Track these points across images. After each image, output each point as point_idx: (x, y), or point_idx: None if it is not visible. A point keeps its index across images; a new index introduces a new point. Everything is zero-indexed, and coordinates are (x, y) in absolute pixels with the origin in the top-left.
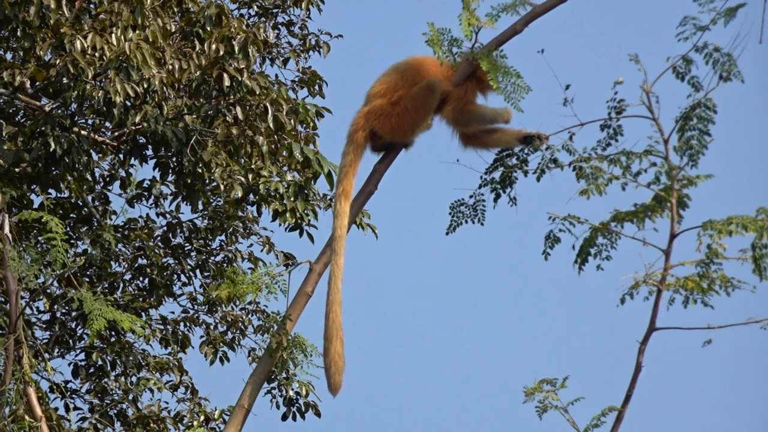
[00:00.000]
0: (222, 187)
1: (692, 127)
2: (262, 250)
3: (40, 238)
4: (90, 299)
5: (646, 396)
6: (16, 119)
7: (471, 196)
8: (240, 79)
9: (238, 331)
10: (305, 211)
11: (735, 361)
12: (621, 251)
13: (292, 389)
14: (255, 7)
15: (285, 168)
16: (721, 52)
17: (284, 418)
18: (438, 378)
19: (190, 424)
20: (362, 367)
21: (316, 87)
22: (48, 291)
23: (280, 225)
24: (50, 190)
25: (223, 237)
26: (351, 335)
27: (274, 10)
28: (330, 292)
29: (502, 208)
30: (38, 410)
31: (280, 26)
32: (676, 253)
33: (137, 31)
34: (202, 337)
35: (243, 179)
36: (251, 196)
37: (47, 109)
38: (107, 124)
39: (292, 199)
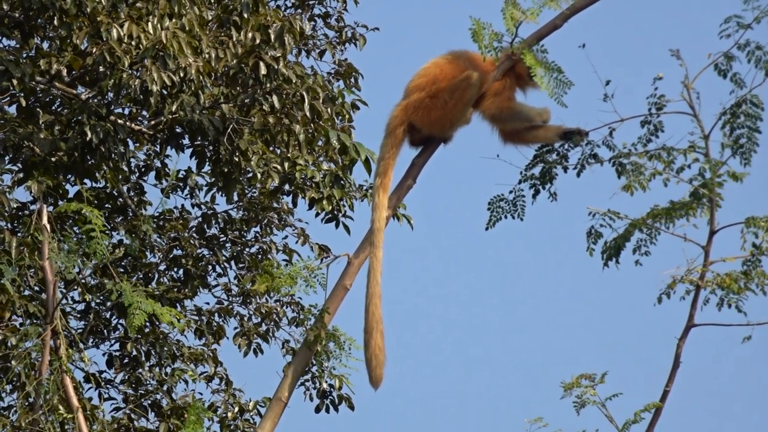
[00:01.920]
0: (258, 175)
1: (740, 125)
2: (297, 242)
3: (75, 229)
4: (129, 290)
5: (684, 392)
6: (53, 108)
7: (510, 192)
8: (276, 67)
9: (272, 323)
10: (342, 202)
11: None
12: (660, 248)
13: (326, 381)
14: None
15: (321, 158)
16: (763, 50)
17: (318, 410)
18: (473, 372)
19: (224, 415)
20: (395, 360)
21: (352, 80)
22: (83, 281)
23: (317, 214)
24: (86, 180)
25: (258, 228)
26: (386, 328)
27: (311, 2)
28: (369, 285)
29: (541, 203)
30: (75, 400)
31: (316, 18)
32: (715, 250)
33: (173, 20)
34: (236, 328)
35: (279, 167)
36: (287, 185)
37: (84, 97)
38: (144, 112)
39: (328, 187)
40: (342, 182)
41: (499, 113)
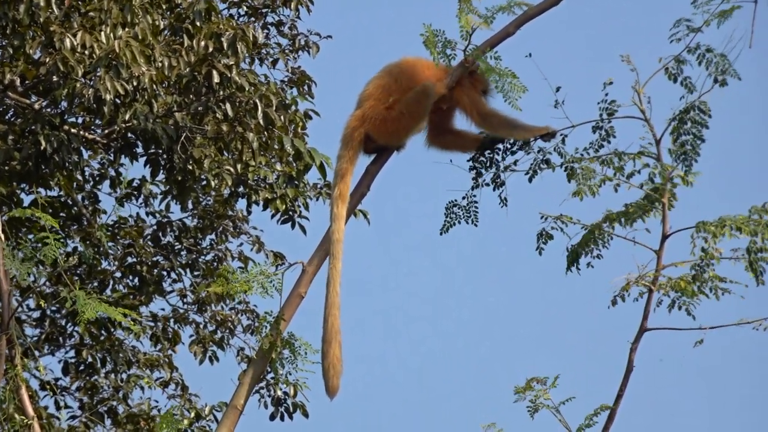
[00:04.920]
0: (212, 181)
1: (686, 132)
2: (252, 249)
3: (30, 236)
4: (83, 297)
5: (638, 396)
6: (6, 117)
7: (464, 198)
8: (229, 75)
9: (227, 331)
10: (297, 202)
11: (726, 362)
12: (613, 251)
13: (281, 389)
14: (244, 6)
15: (274, 159)
16: (714, 53)
17: (272, 417)
18: (427, 377)
19: (180, 420)
20: (349, 366)
21: (306, 87)
22: (38, 289)
23: (272, 216)
24: (40, 189)
25: (213, 236)
26: (342, 333)
27: (264, 10)
28: (328, 296)
29: (495, 208)
30: (30, 410)
31: (269, 26)
32: (668, 254)
33: (126, 29)
34: (191, 336)
35: (232, 169)
36: (241, 188)
37: (37, 107)
38: (97, 121)
39: (282, 187)
40: (296, 182)
41: (487, 111)
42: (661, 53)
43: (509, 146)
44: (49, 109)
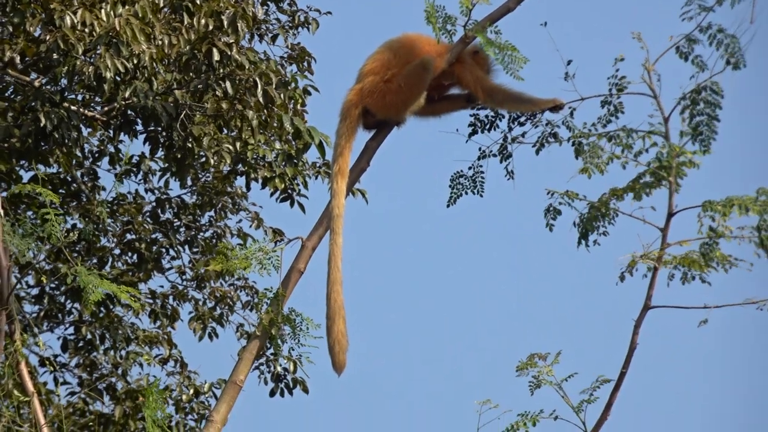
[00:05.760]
0: (211, 158)
1: (700, 112)
2: (251, 226)
3: (30, 213)
4: (84, 273)
5: (641, 374)
6: (6, 95)
7: (470, 168)
8: (229, 53)
9: (226, 307)
10: (295, 180)
11: (730, 341)
12: (618, 229)
13: (280, 365)
14: None
15: (274, 138)
16: (725, 33)
17: (272, 394)
18: (430, 352)
19: (179, 397)
20: (352, 344)
21: (305, 64)
22: (38, 265)
23: (271, 194)
24: (39, 165)
25: (212, 213)
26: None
27: None
28: (330, 272)
29: (500, 181)
30: (30, 385)
31: (268, 2)
32: (672, 233)
33: (126, 7)
34: (190, 312)
35: (231, 147)
36: (240, 165)
37: (37, 84)
38: (97, 99)
39: (281, 166)
40: (295, 161)
41: (491, 86)
42: (672, 31)
43: (517, 116)
44: (49, 87)
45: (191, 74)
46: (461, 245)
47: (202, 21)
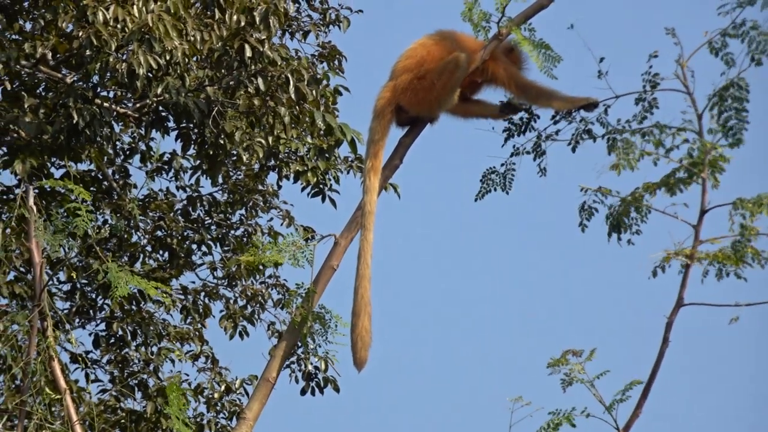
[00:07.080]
0: (243, 154)
1: (728, 108)
2: (282, 224)
3: (60, 210)
4: (115, 269)
5: (673, 372)
6: (38, 91)
7: (502, 165)
8: (261, 50)
9: (257, 305)
10: (327, 175)
11: (762, 339)
12: (649, 226)
13: (311, 364)
14: None
15: (305, 133)
16: (758, 30)
17: (303, 392)
18: (461, 350)
19: (210, 395)
20: (382, 341)
21: (336, 62)
22: (69, 262)
23: (303, 188)
24: (71, 162)
25: (242, 211)
26: (373, 307)
27: None
28: (359, 268)
29: (531, 179)
30: (62, 382)
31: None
32: (704, 230)
33: (159, 3)
34: (222, 311)
35: (264, 141)
36: (272, 160)
37: (69, 81)
38: (129, 95)
39: (313, 160)
40: (327, 156)
41: (525, 83)
42: (707, 26)
43: (552, 115)
44: (81, 83)
45: (223, 71)
46: (491, 241)
47: (234, 17)
